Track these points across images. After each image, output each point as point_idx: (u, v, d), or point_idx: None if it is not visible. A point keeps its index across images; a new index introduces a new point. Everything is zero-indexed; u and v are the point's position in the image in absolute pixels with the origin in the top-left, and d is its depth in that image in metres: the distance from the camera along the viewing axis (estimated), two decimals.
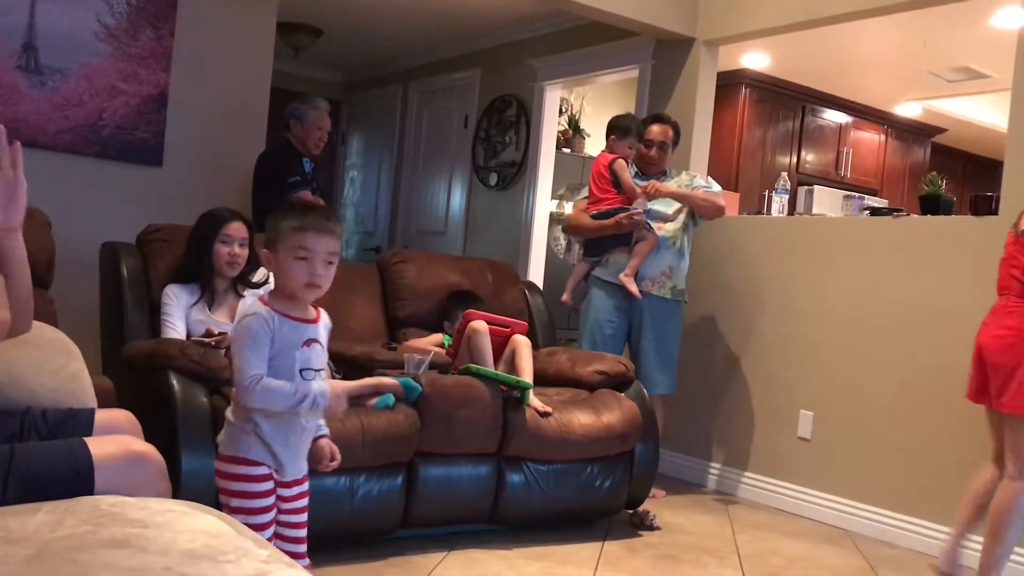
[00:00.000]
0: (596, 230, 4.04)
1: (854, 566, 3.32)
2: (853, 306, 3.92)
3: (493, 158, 6.30)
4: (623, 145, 4.03)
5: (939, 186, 3.90)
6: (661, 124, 4.13)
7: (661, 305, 4.00)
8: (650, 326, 3.99)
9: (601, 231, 4.02)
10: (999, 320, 2.99)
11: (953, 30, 5.03)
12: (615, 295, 3.99)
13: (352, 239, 7.96)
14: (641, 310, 3.98)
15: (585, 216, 4.09)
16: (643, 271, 3.95)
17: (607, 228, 3.99)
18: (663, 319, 4.01)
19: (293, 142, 4.23)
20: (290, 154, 4.21)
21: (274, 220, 1.93)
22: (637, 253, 3.94)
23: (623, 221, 3.92)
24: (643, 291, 3.94)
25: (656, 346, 4.00)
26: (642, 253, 3.94)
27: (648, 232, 3.97)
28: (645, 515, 3.55)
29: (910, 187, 7.19)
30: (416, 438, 2.92)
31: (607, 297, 4.02)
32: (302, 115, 4.22)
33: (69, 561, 1.15)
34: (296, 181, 4.11)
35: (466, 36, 6.38)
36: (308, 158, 4.26)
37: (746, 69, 6.21)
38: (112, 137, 4.16)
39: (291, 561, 1.30)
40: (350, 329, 3.71)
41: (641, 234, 3.96)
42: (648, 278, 3.97)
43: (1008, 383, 2.90)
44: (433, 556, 2.93)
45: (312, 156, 4.28)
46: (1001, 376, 2.92)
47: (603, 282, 4.04)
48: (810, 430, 4.02)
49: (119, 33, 4.15)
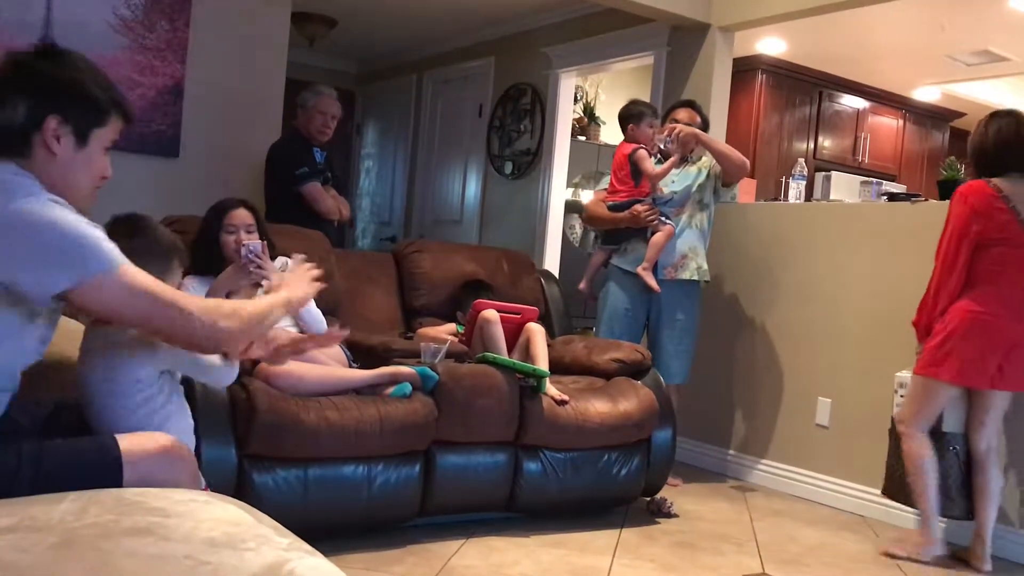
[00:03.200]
0: (611, 221, 4.03)
1: (873, 553, 3.31)
2: (871, 292, 3.90)
3: (508, 147, 6.29)
4: (642, 131, 4.02)
5: (957, 171, 3.86)
6: (688, 109, 4.09)
7: (680, 293, 3.98)
8: (668, 316, 3.98)
9: (616, 223, 4.01)
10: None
11: (972, 13, 4.98)
12: (633, 284, 3.97)
13: (368, 229, 7.98)
14: (660, 300, 3.97)
15: (602, 207, 4.09)
16: (663, 260, 3.93)
17: (622, 220, 3.98)
18: (682, 308, 4.00)
19: (301, 131, 4.20)
20: (299, 144, 4.17)
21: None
22: (654, 245, 3.92)
23: (639, 214, 3.91)
24: (665, 278, 3.93)
25: (674, 336, 3.99)
26: (659, 245, 3.91)
27: (664, 223, 3.95)
28: (662, 502, 3.55)
29: (928, 172, 7.14)
30: (433, 426, 2.93)
31: (625, 286, 4.01)
32: (303, 101, 4.17)
33: (93, 549, 1.16)
34: (304, 173, 4.06)
35: (480, 24, 6.37)
36: (319, 147, 4.21)
37: (762, 55, 6.18)
38: (129, 129, 4.17)
39: (311, 549, 1.31)
40: (366, 318, 3.73)
41: (656, 226, 3.94)
42: (670, 265, 3.95)
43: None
44: (451, 544, 2.95)
45: (321, 144, 4.22)
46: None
47: (621, 271, 4.03)
48: (828, 417, 4.01)
49: (135, 25, 4.17)
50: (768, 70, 6.30)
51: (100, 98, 1.62)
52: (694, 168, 4.05)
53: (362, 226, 8.06)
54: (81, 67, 1.62)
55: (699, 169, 4.04)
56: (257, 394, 2.63)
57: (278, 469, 2.67)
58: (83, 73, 1.61)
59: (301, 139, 4.19)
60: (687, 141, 3.89)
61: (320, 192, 4.10)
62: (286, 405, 2.66)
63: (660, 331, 4.00)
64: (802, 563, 3.10)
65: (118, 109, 1.65)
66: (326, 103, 4.17)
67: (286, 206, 4.01)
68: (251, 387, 2.65)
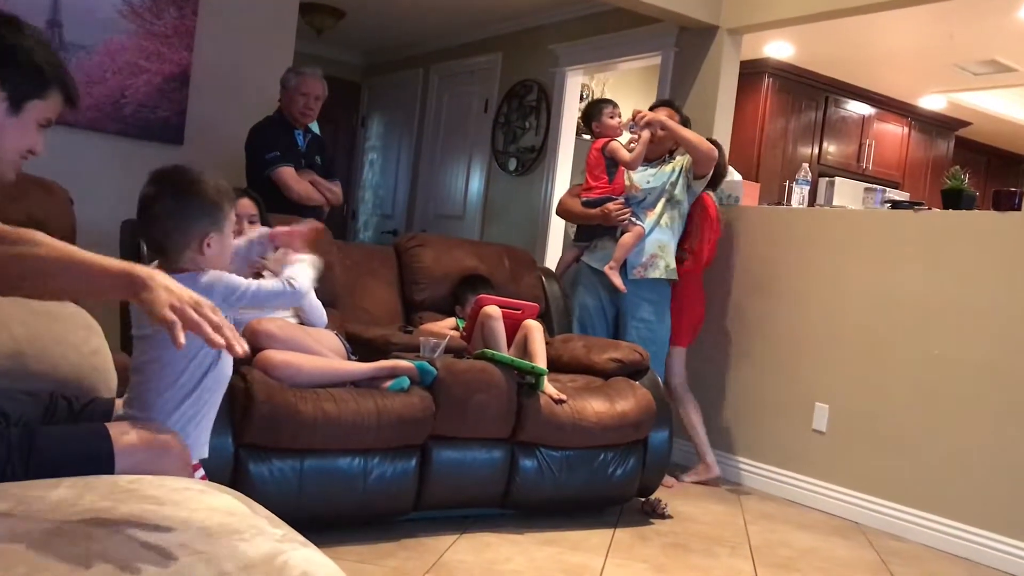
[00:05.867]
0: (583, 217, 4.07)
1: (865, 559, 3.31)
2: (871, 299, 3.90)
3: (513, 143, 6.29)
4: (605, 123, 4.06)
5: (962, 180, 3.86)
6: (667, 108, 4.11)
7: (649, 291, 3.99)
8: (634, 314, 4.00)
9: (588, 219, 4.04)
10: None
11: (980, 23, 4.98)
12: (602, 281, 4.01)
13: (370, 222, 7.98)
14: (626, 299, 3.99)
15: (575, 202, 4.13)
16: (632, 259, 3.97)
17: (594, 217, 4.00)
18: (651, 305, 4.01)
19: (284, 113, 4.06)
20: (278, 127, 4.02)
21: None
22: (622, 245, 3.95)
23: (610, 212, 3.92)
24: (635, 278, 3.96)
25: (641, 334, 4.00)
26: (627, 245, 3.95)
27: (635, 223, 3.97)
28: (657, 503, 3.56)
29: (932, 181, 7.13)
30: (430, 421, 2.93)
31: (594, 283, 4.06)
32: (286, 82, 4.03)
33: (88, 536, 1.16)
34: (274, 157, 3.89)
35: (488, 20, 6.36)
36: (301, 130, 4.07)
37: (769, 58, 6.17)
38: (134, 115, 4.18)
39: (305, 540, 1.31)
40: (366, 311, 3.73)
41: (626, 225, 3.96)
42: (639, 264, 3.97)
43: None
44: (445, 539, 2.95)
45: (303, 126, 4.07)
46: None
47: (591, 269, 4.07)
48: (825, 423, 4.01)
49: (143, 11, 4.16)
50: (775, 73, 6.29)
51: (44, 70, 1.55)
52: (668, 167, 4.07)
53: (364, 218, 8.05)
54: (34, 39, 1.55)
55: (672, 168, 4.06)
56: (255, 384, 2.63)
57: (274, 460, 2.68)
58: (35, 44, 1.54)
59: (282, 122, 4.05)
60: (652, 124, 3.89)
61: (291, 177, 3.91)
62: (284, 396, 2.66)
63: (627, 330, 4.02)
64: (794, 567, 3.11)
65: (61, 87, 1.57)
66: (308, 83, 4.01)
67: (263, 192, 3.89)
68: (249, 377, 2.66)
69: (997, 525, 3.36)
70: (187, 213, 1.82)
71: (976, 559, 3.39)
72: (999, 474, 3.38)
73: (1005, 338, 3.42)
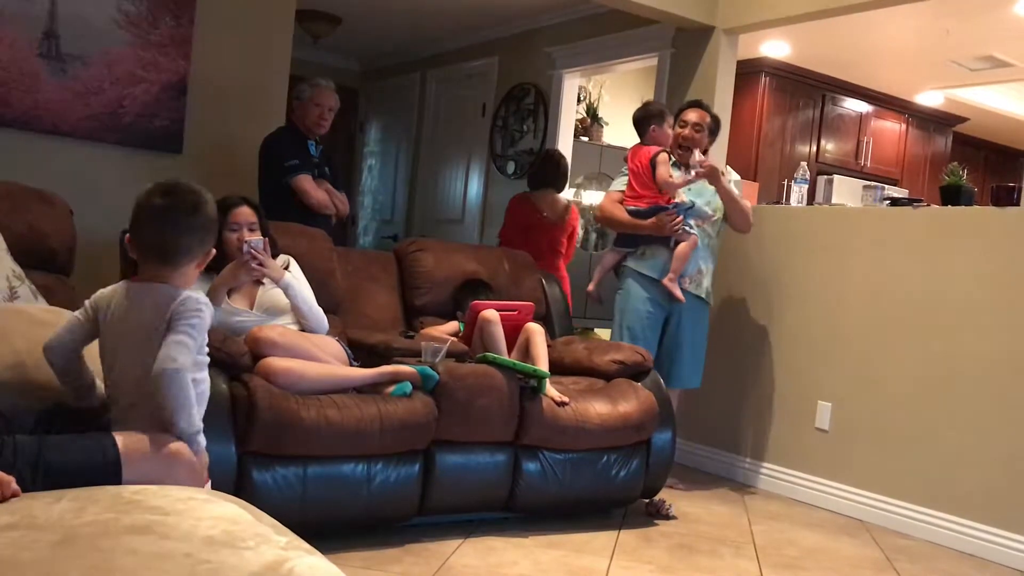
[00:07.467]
0: (632, 227, 3.96)
1: (870, 557, 3.31)
2: (872, 297, 3.90)
3: (511, 147, 6.29)
4: (664, 132, 3.99)
5: (960, 176, 3.87)
6: (698, 110, 4.00)
7: (696, 302, 3.98)
8: (688, 323, 3.97)
9: (637, 229, 3.94)
10: None
11: (977, 18, 4.98)
12: (653, 288, 3.93)
13: (369, 227, 7.99)
14: (681, 308, 3.94)
15: (620, 209, 4.00)
16: (683, 269, 3.90)
17: (644, 228, 3.92)
18: (697, 316, 4.00)
19: (296, 124, 4.12)
20: (293, 137, 4.08)
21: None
22: (679, 256, 3.85)
23: (665, 223, 3.85)
24: (685, 288, 3.90)
25: (692, 342, 3.99)
26: (684, 255, 3.86)
27: (689, 232, 3.89)
28: (661, 504, 3.56)
29: (931, 177, 7.13)
30: (433, 426, 2.93)
31: (645, 289, 3.95)
32: (300, 94, 4.09)
33: (93, 547, 1.16)
34: (294, 165, 3.96)
35: (484, 24, 6.37)
36: (314, 141, 4.13)
37: (766, 57, 6.17)
38: (132, 124, 4.18)
39: (310, 548, 1.31)
40: (368, 317, 3.73)
41: (680, 235, 3.88)
42: (687, 275, 3.92)
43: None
44: (449, 543, 2.95)
45: (316, 138, 4.13)
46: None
47: (640, 275, 3.98)
48: (828, 421, 4.01)
49: (139, 20, 4.16)
50: (772, 73, 6.29)
51: None
52: (711, 189, 3.96)
53: (364, 224, 8.06)
54: None
55: (717, 206, 3.99)
56: (257, 392, 2.63)
57: (278, 467, 2.67)
58: None
59: (295, 132, 4.11)
60: (709, 174, 3.83)
61: (311, 185, 3.99)
62: (286, 403, 2.66)
63: (682, 339, 3.97)
64: (799, 567, 3.10)
65: None
66: (323, 95, 4.08)
67: (278, 200, 3.92)
68: (252, 385, 2.66)
69: (1003, 521, 3.36)
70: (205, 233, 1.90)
71: (982, 555, 3.39)
72: (1004, 470, 3.38)
73: (1008, 333, 3.42)
